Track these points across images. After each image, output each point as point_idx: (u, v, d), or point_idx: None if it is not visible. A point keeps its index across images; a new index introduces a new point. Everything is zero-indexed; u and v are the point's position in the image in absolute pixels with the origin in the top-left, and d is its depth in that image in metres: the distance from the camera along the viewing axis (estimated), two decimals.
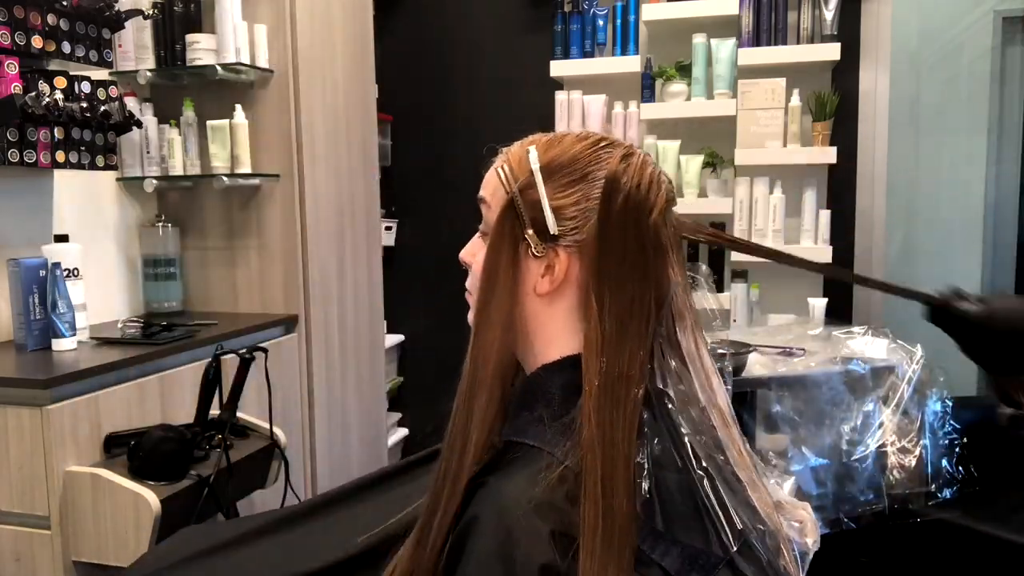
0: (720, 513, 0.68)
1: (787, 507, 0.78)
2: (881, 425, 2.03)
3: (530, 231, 0.75)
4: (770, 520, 0.72)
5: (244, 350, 1.66)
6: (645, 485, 0.68)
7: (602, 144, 0.77)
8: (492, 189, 0.79)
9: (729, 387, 0.78)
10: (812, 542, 0.78)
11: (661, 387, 0.72)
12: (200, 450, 1.57)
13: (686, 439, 0.70)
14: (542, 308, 0.77)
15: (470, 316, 0.78)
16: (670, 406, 0.71)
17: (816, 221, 2.64)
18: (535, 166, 0.76)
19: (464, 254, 0.83)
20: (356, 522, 0.93)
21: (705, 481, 0.69)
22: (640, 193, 0.74)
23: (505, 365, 0.75)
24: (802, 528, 0.77)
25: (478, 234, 0.83)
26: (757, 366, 1.92)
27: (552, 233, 0.75)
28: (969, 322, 0.88)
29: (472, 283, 0.81)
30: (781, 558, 0.71)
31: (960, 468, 2.07)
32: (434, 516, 0.71)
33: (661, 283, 0.74)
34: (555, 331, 0.77)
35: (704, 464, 0.70)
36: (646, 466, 0.68)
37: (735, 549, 0.68)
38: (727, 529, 0.68)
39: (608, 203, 0.73)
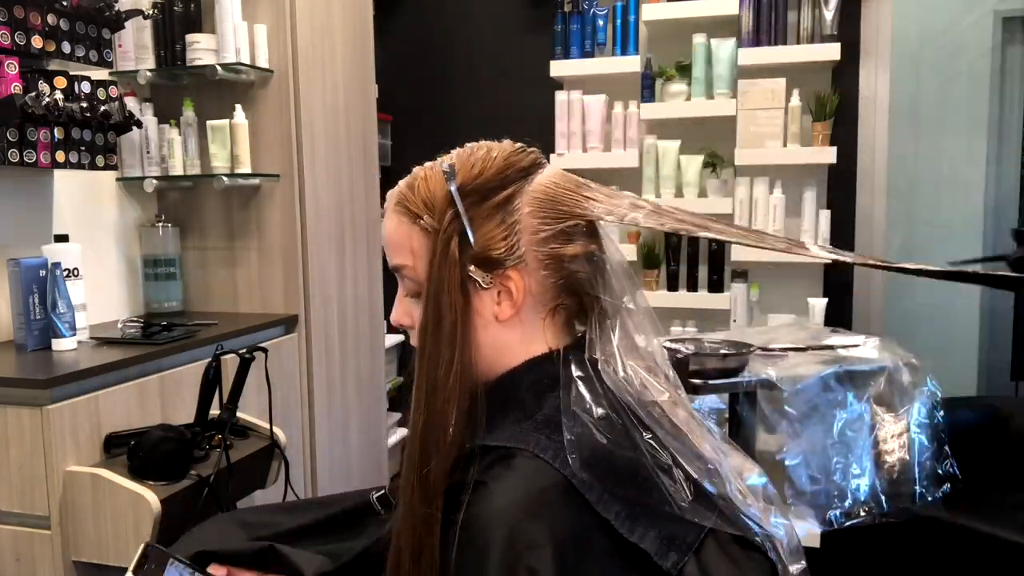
0: (676, 471, 0.71)
1: (719, 443, 0.80)
2: (873, 425, 2.03)
3: (471, 267, 0.75)
4: (711, 455, 0.74)
5: (244, 350, 1.66)
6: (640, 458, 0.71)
7: (492, 154, 0.78)
8: (408, 250, 0.77)
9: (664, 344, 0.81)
10: (757, 473, 0.80)
11: (593, 355, 0.75)
12: (200, 450, 1.56)
13: (620, 399, 0.73)
14: (506, 330, 0.77)
15: (418, 378, 0.76)
16: (601, 371, 0.74)
17: (816, 221, 2.64)
18: (457, 200, 0.74)
19: (399, 317, 0.81)
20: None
21: (652, 442, 0.71)
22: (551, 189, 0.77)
23: (454, 405, 0.74)
24: (741, 467, 0.79)
25: (402, 296, 0.81)
26: (757, 366, 1.92)
27: (495, 259, 0.75)
28: None
29: (422, 340, 0.78)
30: (731, 488, 0.73)
31: (951, 467, 2.07)
32: (412, 559, 0.71)
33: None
34: (518, 343, 0.78)
35: (647, 424, 0.72)
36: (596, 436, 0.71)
37: (691, 498, 0.70)
38: (684, 485, 0.71)
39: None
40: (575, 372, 0.74)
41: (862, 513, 2.01)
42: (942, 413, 2.13)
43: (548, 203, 0.77)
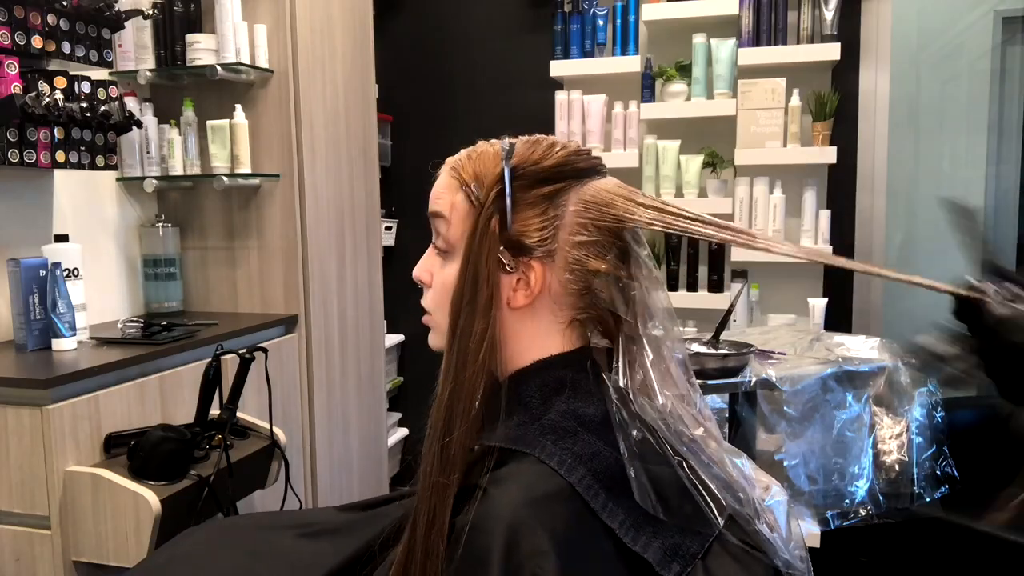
0: (705, 494, 0.70)
1: (750, 472, 0.79)
2: (872, 425, 2.03)
3: (501, 247, 0.75)
4: (743, 490, 0.74)
5: (244, 350, 1.66)
6: (632, 473, 0.70)
7: (555, 148, 0.78)
8: (450, 204, 0.78)
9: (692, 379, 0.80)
10: (784, 496, 0.80)
11: (624, 386, 0.73)
12: (200, 450, 1.57)
13: (659, 425, 0.72)
14: (516, 320, 0.77)
15: (433, 339, 0.78)
16: (637, 397, 0.73)
17: (816, 221, 2.64)
18: (507, 181, 0.75)
19: (420, 272, 0.82)
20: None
21: (684, 466, 0.71)
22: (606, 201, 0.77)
23: (482, 379, 0.75)
24: (768, 489, 0.79)
25: (431, 249, 0.81)
26: (756, 366, 1.92)
27: (525, 246, 0.75)
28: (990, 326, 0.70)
29: (436, 301, 0.80)
30: (757, 523, 0.73)
31: (950, 468, 2.07)
32: (428, 536, 0.71)
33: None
34: (529, 339, 0.78)
35: (679, 451, 0.72)
36: (626, 455, 0.70)
37: (722, 524, 0.70)
38: (713, 507, 0.70)
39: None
40: (613, 390, 0.73)
41: (861, 513, 2.01)
42: (941, 413, 2.13)
43: (595, 208, 0.76)
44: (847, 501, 2.03)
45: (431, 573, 0.69)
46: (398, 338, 3.21)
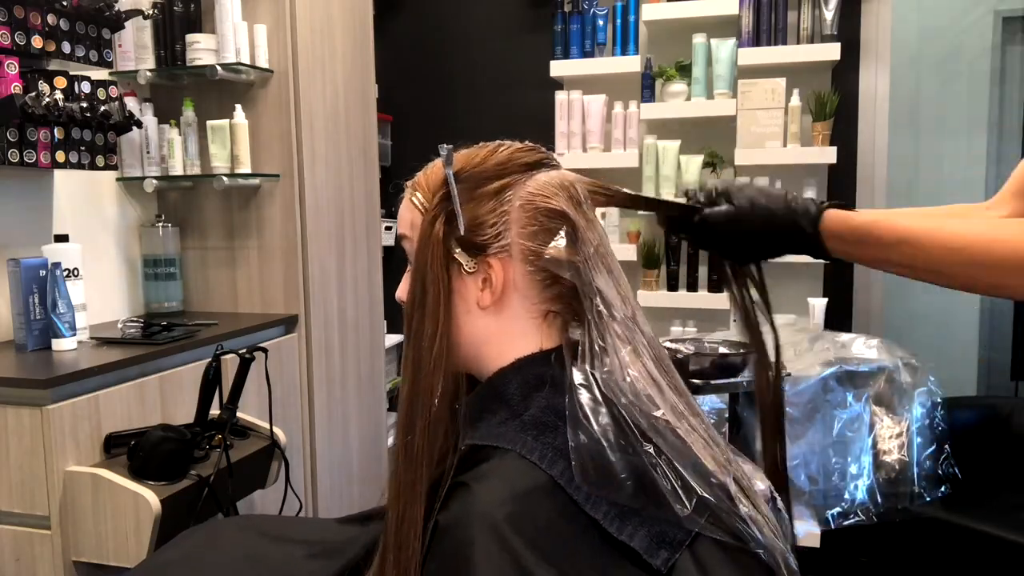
0: (676, 482, 0.69)
1: (731, 456, 0.78)
2: (872, 425, 2.03)
3: (458, 249, 0.77)
4: (716, 469, 0.72)
5: (244, 350, 1.66)
6: (574, 460, 0.69)
7: (500, 148, 0.81)
8: (408, 222, 0.81)
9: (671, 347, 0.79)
10: (764, 485, 0.80)
11: (584, 376, 0.73)
12: (200, 450, 1.57)
13: (623, 411, 0.71)
14: (490, 319, 0.79)
15: (405, 351, 0.78)
16: (602, 386, 0.72)
17: None
18: (451, 183, 0.77)
19: (399, 292, 0.84)
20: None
21: (650, 450, 0.70)
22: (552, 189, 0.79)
23: (449, 386, 0.76)
24: (750, 475, 0.78)
25: (407, 271, 0.83)
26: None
27: (479, 244, 0.77)
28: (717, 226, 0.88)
29: (408, 314, 0.81)
30: (739, 506, 0.71)
31: (950, 467, 2.07)
32: (400, 531, 0.72)
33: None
34: (507, 337, 0.79)
35: (649, 435, 0.71)
36: (593, 442, 0.70)
37: (697, 517, 0.69)
38: (684, 499, 0.69)
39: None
40: (577, 378, 0.73)
41: (860, 513, 2.01)
42: (942, 413, 2.13)
43: (538, 197, 0.78)
44: (847, 501, 2.03)
45: (407, 569, 0.70)
46: (398, 338, 3.21)
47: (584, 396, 0.72)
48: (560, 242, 0.77)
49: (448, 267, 0.77)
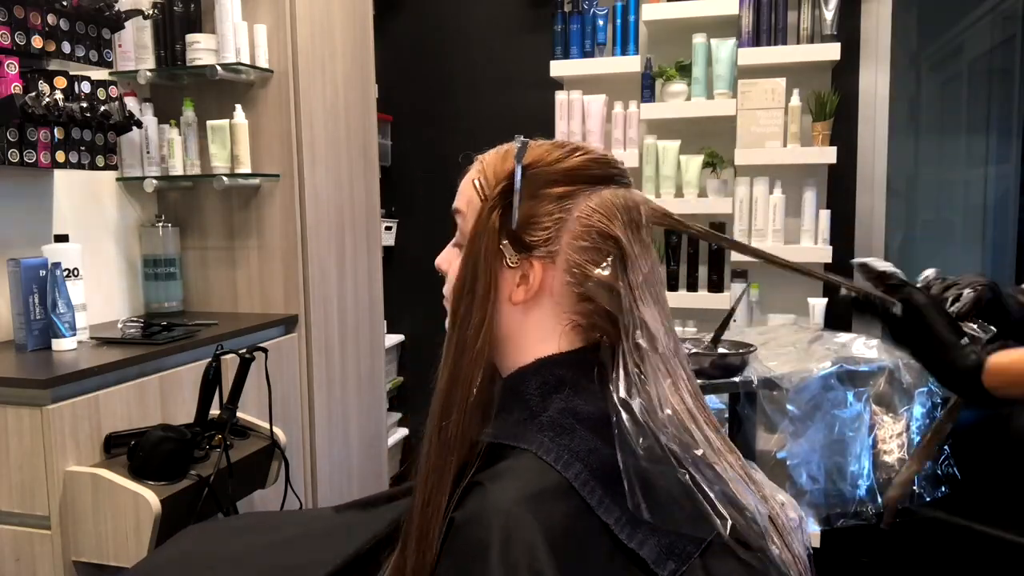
0: (707, 505, 0.70)
1: (767, 492, 0.78)
2: (873, 425, 2.03)
3: (505, 241, 0.77)
4: (754, 506, 0.73)
5: (244, 350, 1.66)
6: (624, 472, 0.69)
7: (576, 153, 0.79)
8: (467, 199, 0.81)
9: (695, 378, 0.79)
10: (798, 516, 0.79)
11: (626, 397, 0.72)
12: (200, 450, 1.57)
13: (664, 436, 0.71)
14: (517, 316, 0.79)
15: (447, 322, 0.80)
16: (638, 413, 0.72)
17: (816, 221, 2.64)
18: (516, 178, 0.76)
19: (440, 261, 0.85)
20: (350, 532, 0.94)
21: (687, 478, 0.70)
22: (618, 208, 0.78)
23: (483, 369, 0.76)
24: (784, 507, 0.77)
25: (452, 244, 0.84)
26: (757, 365, 1.92)
27: (527, 243, 0.77)
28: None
29: (449, 290, 0.83)
30: (771, 545, 0.72)
31: (950, 467, 2.07)
32: (424, 515, 0.72)
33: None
34: (530, 337, 0.79)
35: (684, 464, 0.71)
36: (641, 462, 0.69)
37: (727, 535, 0.69)
38: (716, 519, 0.69)
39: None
40: (617, 397, 0.73)
41: (862, 513, 2.01)
42: (941, 413, 2.13)
43: (598, 215, 0.77)
44: (848, 501, 2.03)
45: (424, 554, 0.70)
46: (398, 338, 3.21)
47: (625, 416, 0.71)
48: (606, 269, 0.76)
49: (497, 257, 0.77)
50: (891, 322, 0.93)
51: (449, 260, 0.84)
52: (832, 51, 2.55)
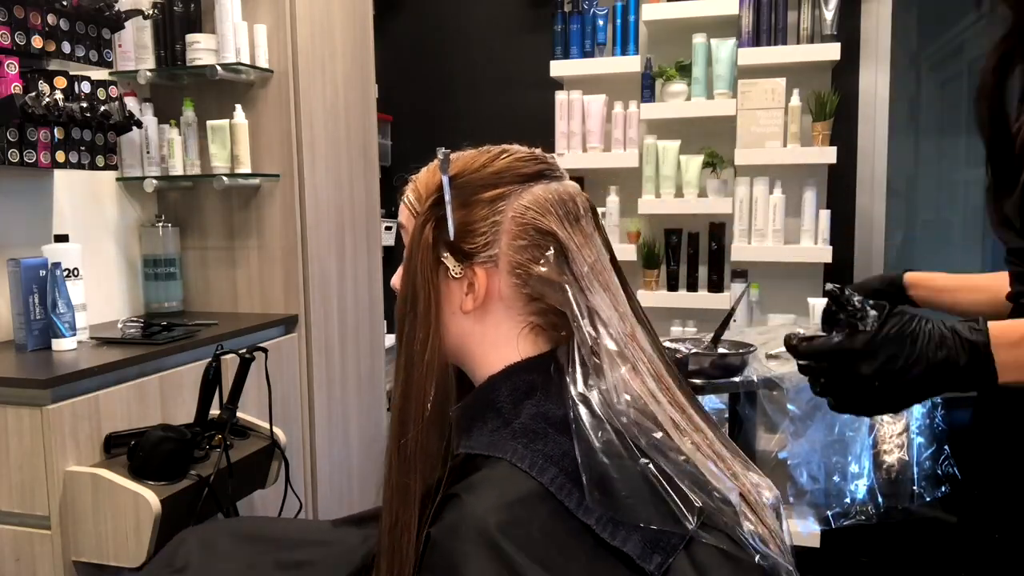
0: (673, 494, 0.69)
1: (738, 470, 0.77)
2: (873, 425, 2.03)
3: (446, 253, 0.77)
4: (723, 485, 0.72)
5: (244, 350, 1.66)
6: (585, 478, 0.69)
7: (502, 156, 0.80)
8: (405, 217, 0.82)
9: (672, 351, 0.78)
10: (772, 496, 0.78)
11: (583, 391, 0.72)
12: (200, 450, 1.56)
13: (623, 430, 0.71)
14: (471, 325, 0.79)
15: (395, 339, 0.80)
16: (596, 406, 0.71)
17: (816, 221, 2.64)
18: (445, 188, 0.77)
19: (394, 280, 0.84)
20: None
21: (650, 466, 0.70)
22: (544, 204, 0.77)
23: (438, 383, 0.76)
24: (759, 486, 0.77)
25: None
26: (757, 366, 1.92)
27: (467, 251, 0.77)
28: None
29: (400, 317, 0.82)
30: (744, 521, 0.71)
31: (950, 467, 2.07)
32: (392, 535, 0.72)
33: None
34: (490, 343, 0.79)
35: (644, 450, 0.70)
36: (598, 456, 0.69)
37: (694, 526, 0.68)
38: (683, 508, 0.68)
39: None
40: (574, 392, 0.72)
41: (861, 513, 2.01)
42: (941, 413, 2.13)
43: (530, 214, 0.77)
44: (848, 500, 2.03)
45: (397, 572, 0.70)
46: None
47: (583, 411, 0.71)
48: (545, 265, 0.76)
49: (437, 271, 0.77)
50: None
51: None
52: (832, 51, 2.55)
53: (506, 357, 0.78)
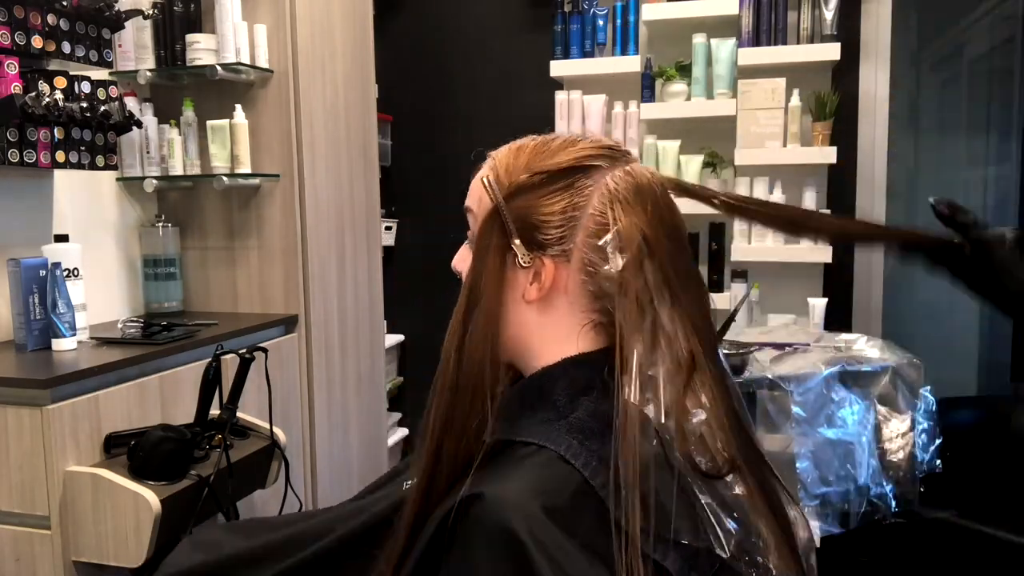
0: (711, 517, 0.68)
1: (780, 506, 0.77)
2: (875, 424, 2.03)
3: (516, 241, 0.75)
4: (760, 519, 0.71)
5: (244, 350, 1.66)
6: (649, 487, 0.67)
7: (584, 145, 0.77)
8: (477, 197, 0.79)
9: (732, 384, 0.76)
10: (806, 537, 0.77)
11: (634, 401, 0.70)
12: (200, 450, 1.56)
13: (665, 446, 0.69)
14: (533, 315, 0.77)
15: (453, 322, 0.77)
16: (645, 417, 0.70)
17: None
18: (523, 174, 0.75)
19: (455, 262, 0.83)
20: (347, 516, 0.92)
21: (693, 487, 0.69)
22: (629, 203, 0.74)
23: (490, 370, 0.74)
24: (794, 523, 0.75)
25: (466, 243, 0.83)
26: (757, 366, 1.92)
27: (540, 242, 0.75)
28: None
29: (464, 292, 0.80)
30: (772, 557, 0.70)
31: (951, 467, 2.07)
32: (422, 507, 0.71)
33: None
34: (549, 336, 0.77)
35: (689, 476, 0.69)
36: (634, 467, 0.67)
37: (728, 553, 0.67)
38: (719, 533, 0.67)
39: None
40: (631, 399, 0.70)
41: (863, 513, 2.01)
42: (941, 413, 2.13)
43: (611, 214, 0.74)
44: (851, 501, 2.02)
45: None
46: (398, 338, 3.21)
47: (629, 420, 0.68)
48: (619, 267, 0.72)
49: (505, 256, 0.75)
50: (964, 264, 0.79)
51: (465, 259, 0.82)
52: (832, 51, 2.55)
53: (564, 352, 0.76)
